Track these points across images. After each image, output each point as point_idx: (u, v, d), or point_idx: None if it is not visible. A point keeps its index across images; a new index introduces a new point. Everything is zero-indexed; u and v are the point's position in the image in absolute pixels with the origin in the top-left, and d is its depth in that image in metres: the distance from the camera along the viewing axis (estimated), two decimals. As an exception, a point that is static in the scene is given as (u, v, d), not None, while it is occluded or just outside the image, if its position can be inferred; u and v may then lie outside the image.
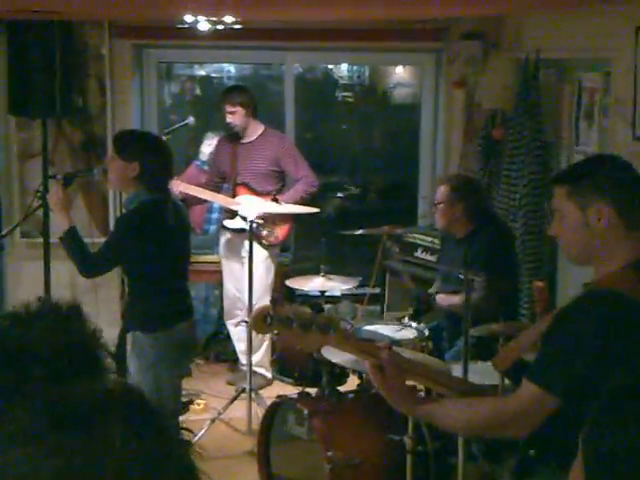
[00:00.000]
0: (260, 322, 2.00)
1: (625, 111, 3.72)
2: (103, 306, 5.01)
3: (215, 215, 5.79)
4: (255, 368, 4.88)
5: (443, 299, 3.99)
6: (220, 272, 5.22)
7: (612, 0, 3.74)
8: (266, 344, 5.05)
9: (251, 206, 4.64)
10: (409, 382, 2.18)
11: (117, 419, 0.79)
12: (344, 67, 8.34)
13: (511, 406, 2.04)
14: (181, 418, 4.08)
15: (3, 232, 4.71)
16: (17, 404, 0.82)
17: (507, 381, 3.06)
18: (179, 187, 4.58)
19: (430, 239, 5.11)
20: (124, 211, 3.62)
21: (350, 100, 8.49)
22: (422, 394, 2.47)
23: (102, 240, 3.74)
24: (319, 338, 2.01)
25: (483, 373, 3.22)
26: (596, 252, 2.08)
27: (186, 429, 0.89)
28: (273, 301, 2.04)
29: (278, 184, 5.05)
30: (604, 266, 2.07)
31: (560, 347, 2.03)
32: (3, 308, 5.36)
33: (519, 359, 2.30)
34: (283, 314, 2.00)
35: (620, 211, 2.03)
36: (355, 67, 8.28)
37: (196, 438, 4.25)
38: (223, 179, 5.13)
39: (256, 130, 5.02)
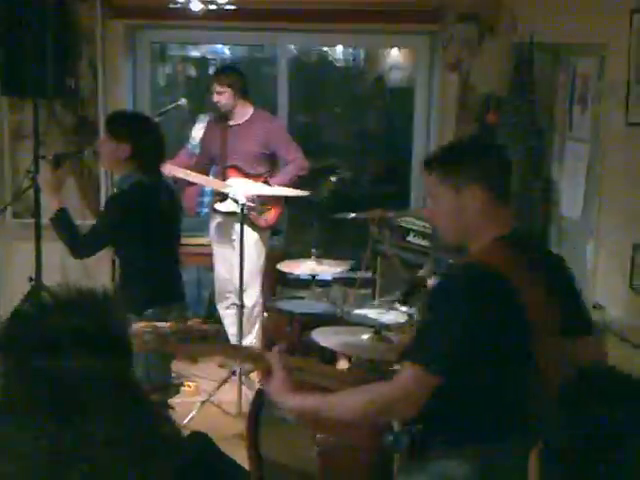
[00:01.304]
0: (139, 340, 2.11)
1: (619, 96, 3.70)
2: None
3: (207, 199, 5.77)
4: (246, 351, 4.89)
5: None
6: (212, 255, 5.20)
7: (607, -16, 3.72)
8: (257, 327, 5.05)
9: (241, 188, 4.61)
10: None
11: (107, 400, 0.80)
12: (339, 49, 8.30)
13: (393, 389, 2.08)
14: (172, 400, 4.09)
15: (-7, 212, 4.69)
16: (14, 384, 0.83)
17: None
18: (168, 170, 4.55)
19: (422, 223, 5.10)
20: (115, 192, 3.60)
21: (345, 83, 8.46)
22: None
23: (94, 222, 3.73)
24: (203, 350, 2.17)
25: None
26: (470, 231, 2.19)
27: (171, 407, 0.90)
28: (150, 320, 2.19)
29: (269, 166, 5.03)
30: (475, 242, 2.18)
31: (431, 324, 2.11)
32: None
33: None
34: (160, 332, 2.13)
35: (491, 191, 2.16)
36: (350, 50, 8.24)
37: (186, 420, 4.25)
38: (213, 161, 5.11)
39: (246, 112, 4.98)
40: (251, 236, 4.90)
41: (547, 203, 4.75)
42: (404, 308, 3.91)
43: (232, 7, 4.84)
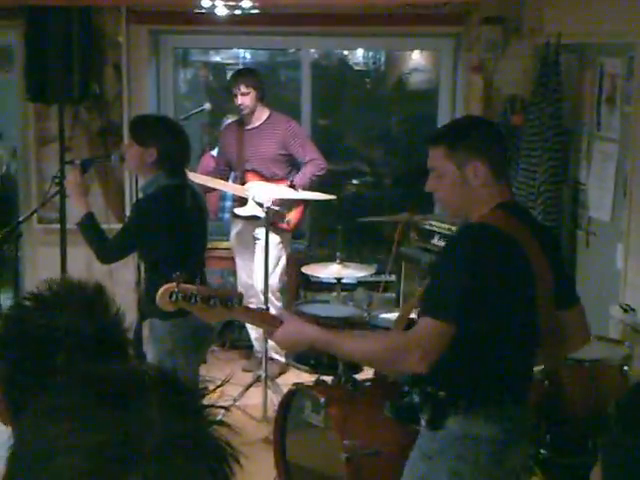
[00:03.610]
0: (166, 299, 2.22)
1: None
2: (119, 292, 4.99)
3: (228, 203, 5.78)
4: (271, 353, 4.88)
5: None
6: (234, 259, 5.19)
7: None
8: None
9: (264, 192, 4.59)
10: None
11: (156, 398, 0.80)
12: (360, 53, 8.29)
13: (408, 338, 2.17)
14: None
15: (20, 218, 4.71)
16: (58, 379, 0.82)
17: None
18: (188, 176, 4.53)
19: (447, 226, 5.07)
20: (141, 196, 3.60)
21: (366, 86, 8.45)
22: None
23: (118, 226, 3.73)
24: (222, 311, 2.26)
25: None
26: (472, 204, 2.29)
27: (220, 406, 0.89)
28: (177, 279, 2.22)
29: (287, 168, 5.01)
30: (477, 212, 2.29)
31: (442, 278, 2.22)
32: (20, 293, 5.37)
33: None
34: (186, 291, 2.23)
35: (491, 167, 2.27)
36: (371, 53, 8.23)
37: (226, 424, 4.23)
38: (231, 166, 5.10)
39: (262, 115, 4.98)
40: (272, 239, 4.88)
41: (575, 205, 4.70)
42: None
43: (256, 11, 4.84)
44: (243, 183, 4.90)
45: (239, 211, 4.93)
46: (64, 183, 3.79)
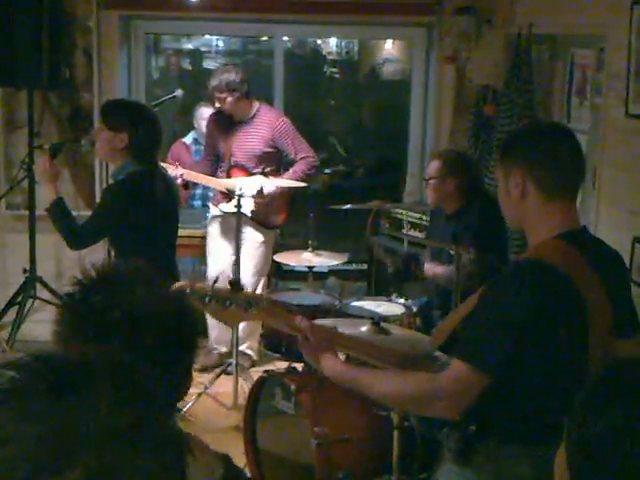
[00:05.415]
0: None
1: (618, 88, 3.69)
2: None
3: (199, 191, 5.73)
4: (245, 349, 4.88)
5: (429, 268, 3.98)
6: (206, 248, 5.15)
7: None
8: (260, 330, 4.99)
9: (249, 186, 4.52)
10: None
11: (105, 385, 0.79)
12: (333, 42, 8.29)
13: (441, 384, 1.97)
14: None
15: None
16: (13, 366, 0.81)
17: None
18: (180, 174, 4.46)
19: (418, 215, 5.10)
20: (111, 182, 3.57)
21: (338, 76, 8.45)
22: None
23: (88, 213, 3.70)
24: (239, 314, 2.13)
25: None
26: (523, 221, 2.09)
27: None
28: (192, 280, 2.16)
29: (274, 164, 4.90)
30: (533, 236, 2.07)
31: (488, 322, 1.98)
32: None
33: (455, 333, 2.21)
34: (201, 292, 2.12)
35: (538, 182, 2.01)
36: (344, 42, 8.24)
37: (182, 412, 4.23)
38: (218, 159, 4.98)
39: (249, 110, 4.81)
40: (258, 237, 4.84)
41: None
42: (402, 300, 3.90)
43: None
44: (228, 178, 4.81)
45: (224, 207, 4.85)
46: (33, 168, 3.74)
